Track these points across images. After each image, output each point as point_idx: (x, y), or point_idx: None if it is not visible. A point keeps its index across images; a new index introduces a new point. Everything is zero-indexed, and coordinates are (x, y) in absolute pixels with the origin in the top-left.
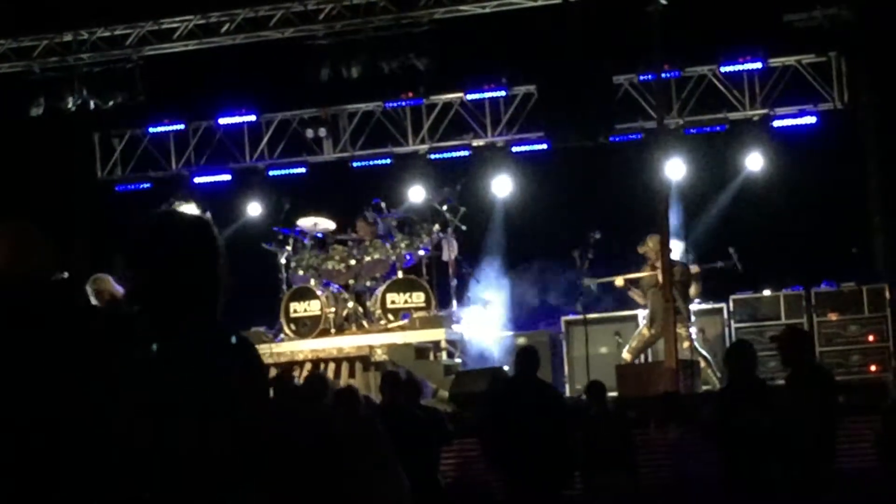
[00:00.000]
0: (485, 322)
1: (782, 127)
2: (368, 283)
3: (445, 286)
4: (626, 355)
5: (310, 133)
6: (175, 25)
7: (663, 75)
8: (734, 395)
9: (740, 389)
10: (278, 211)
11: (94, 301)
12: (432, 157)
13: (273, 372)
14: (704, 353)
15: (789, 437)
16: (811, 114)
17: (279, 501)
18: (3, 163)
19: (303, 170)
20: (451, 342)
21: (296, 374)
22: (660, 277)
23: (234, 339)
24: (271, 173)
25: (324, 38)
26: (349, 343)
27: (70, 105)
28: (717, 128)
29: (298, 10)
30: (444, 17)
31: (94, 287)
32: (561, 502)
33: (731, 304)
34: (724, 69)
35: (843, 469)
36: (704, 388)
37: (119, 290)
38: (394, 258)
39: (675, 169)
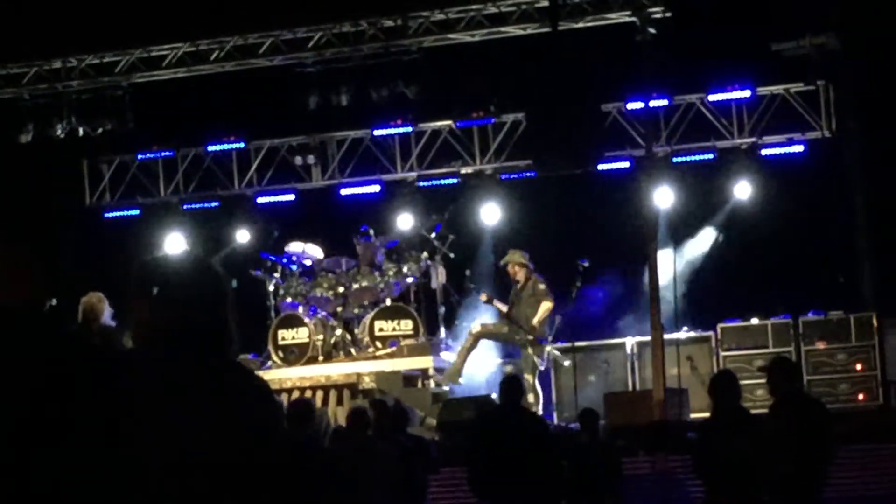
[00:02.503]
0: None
1: (770, 155)
2: (356, 311)
3: (433, 314)
4: (476, 326)
5: (298, 160)
6: (164, 53)
7: (651, 104)
8: (718, 425)
9: (724, 419)
10: (267, 238)
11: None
12: (421, 184)
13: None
14: (538, 389)
15: (772, 467)
16: (799, 142)
17: None
18: None
19: (291, 196)
20: (438, 370)
21: (283, 400)
22: (518, 291)
23: (243, 376)
24: (259, 200)
25: (313, 65)
26: (337, 371)
27: (59, 132)
28: (706, 156)
29: (287, 37)
30: (432, 46)
31: (85, 302)
32: None
33: (718, 333)
34: (711, 97)
35: (828, 499)
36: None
37: (108, 313)
38: (382, 286)
39: (663, 197)
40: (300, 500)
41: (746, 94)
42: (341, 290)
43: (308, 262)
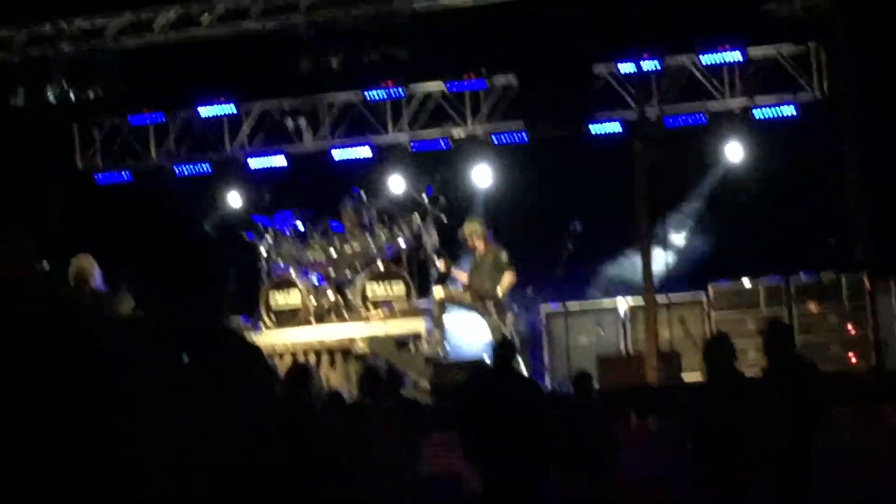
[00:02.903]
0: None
1: (762, 117)
2: (349, 274)
3: (425, 277)
4: (439, 292)
5: (290, 123)
6: (155, 16)
7: (643, 65)
8: (712, 390)
9: (718, 385)
10: (258, 201)
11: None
12: (413, 147)
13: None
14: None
15: (763, 438)
16: (790, 104)
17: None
18: None
19: (283, 160)
20: (431, 332)
21: (276, 363)
22: (477, 260)
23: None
24: (251, 163)
25: (304, 28)
26: (329, 334)
27: (50, 95)
28: (697, 118)
29: (279, 1)
30: (424, 8)
31: (75, 264)
32: (538, 495)
33: (710, 294)
34: (703, 59)
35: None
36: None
37: (98, 275)
38: (374, 249)
39: (654, 159)
40: (300, 495)
41: (737, 55)
42: (333, 253)
43: (299, 226)
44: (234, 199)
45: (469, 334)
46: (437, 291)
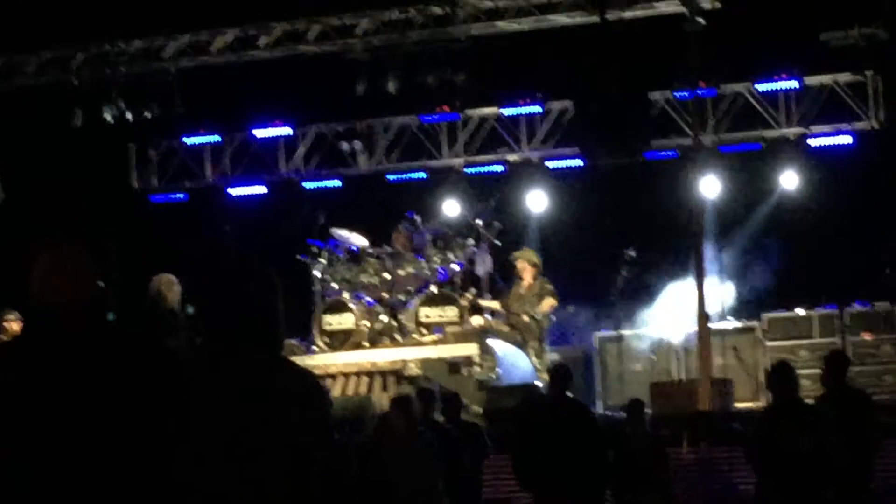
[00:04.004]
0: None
1: (818, 146)
2: (402, 297)
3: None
4: (479, 320)
5: (345, 146)
6: (213, 38)
7: (699, 93)
8: (777, 416)
9: (783, 410)
10: (313, 223)
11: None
12: (467, 171)
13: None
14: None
15: (831, 460)
16: (847, 133)
17: None
18: (43, 173)
19: (338, 182)
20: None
21: (328, 386)
22: (521, 290)
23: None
24: (306, 185)
25: (361, 52)
26: (382, 357)
27: (108, 116)
28: (753, 146)
29: (336, 24)
30: (481, 34)
31: (156, 282)
32: None
33: (764, 323)
34: (759, 87)
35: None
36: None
37: (175, 293)
38: (427, 272)
39: (710, 186)
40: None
41: (794, 84)
42: (387, 276)
43: (353, 249)
44: (289, 221)
45: (516, 359)
46: (476, 321)
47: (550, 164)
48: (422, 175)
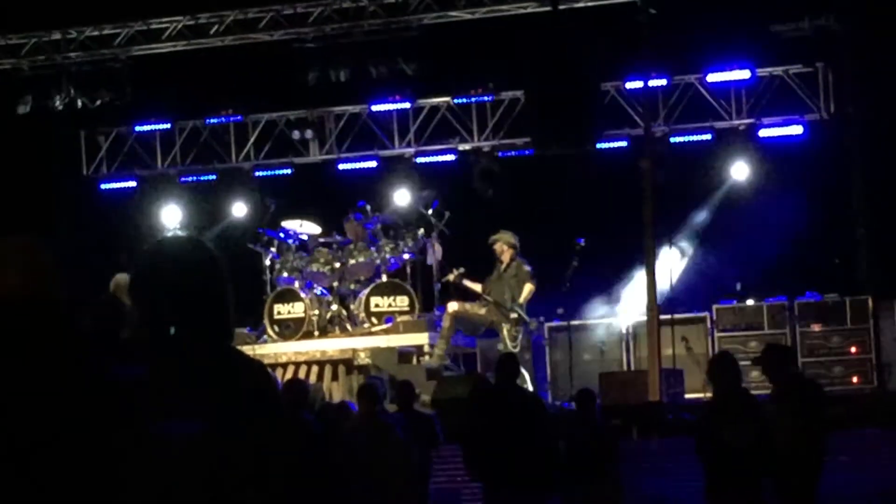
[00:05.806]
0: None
1: (768, 137)
2: (352, 287)
3: (429, 290)
4: (453, 305)
5: (296, 135)
6: (164, 26)
7: (650, 83)
8: (719, 408)
9: (726, 402)
10: (263, 212)
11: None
12: (418, 160)
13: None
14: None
15: (775, 452)
16: (797, 123)
17: None
18: None
19: (289, 171)
20: (433, 346)
21: (278, 375)
22: (500, 271)
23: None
24: (257, 174)
25: (312, 40)
26: (332, 346)
27: (57, 103)
28: (704, 136)
29: (288, 12)
30: (433, 23)
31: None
32: None
33: (714, 313)
34: (711, 78)
35: (821, 483)
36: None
37: None
38: (378, 262)
39: (659, 176)
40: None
41: (746, 74)
42: (337, 265)
43: (304, 238)
44: (239, 210)
45: None
46: (452, 306)
47: (501, 154)
48: (372, 164)
